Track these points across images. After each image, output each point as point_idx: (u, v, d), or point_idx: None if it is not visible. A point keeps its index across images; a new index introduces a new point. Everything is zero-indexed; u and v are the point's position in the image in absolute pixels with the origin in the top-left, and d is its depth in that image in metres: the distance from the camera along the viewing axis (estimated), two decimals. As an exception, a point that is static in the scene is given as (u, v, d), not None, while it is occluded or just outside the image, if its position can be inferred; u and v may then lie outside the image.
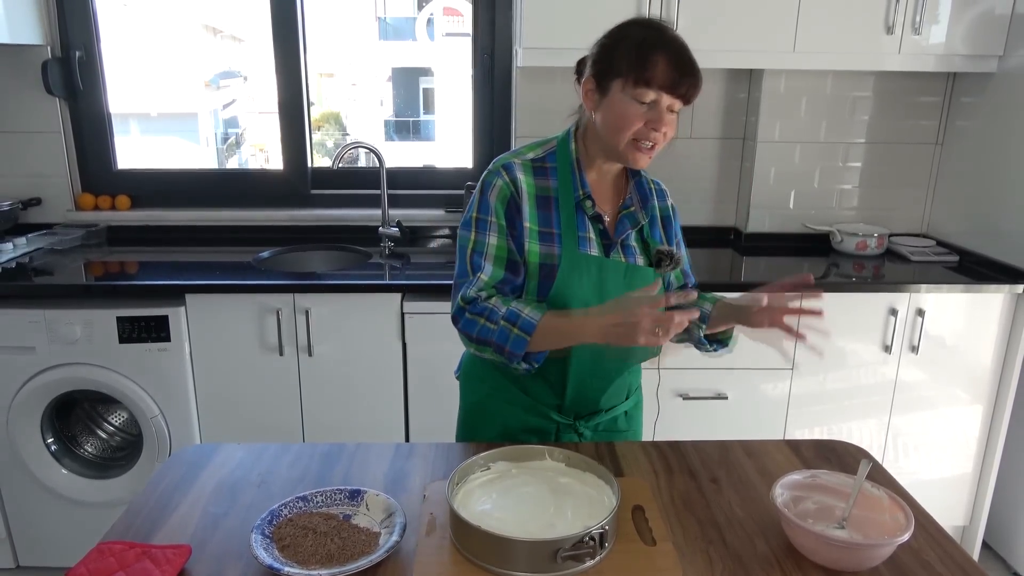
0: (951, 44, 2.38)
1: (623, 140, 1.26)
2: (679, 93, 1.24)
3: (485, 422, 1.47)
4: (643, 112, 1.24)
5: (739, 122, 2.76)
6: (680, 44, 1.25)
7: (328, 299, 2.23)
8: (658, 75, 1.22)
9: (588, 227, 1.33)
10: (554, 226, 1.31)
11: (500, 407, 1.44)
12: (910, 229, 2.80)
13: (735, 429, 2.38)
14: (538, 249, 1.31)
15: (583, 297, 1.30)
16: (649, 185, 1.43)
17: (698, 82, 1.25)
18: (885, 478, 1.28)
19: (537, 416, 1.42)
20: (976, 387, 2.41)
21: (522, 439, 1.43)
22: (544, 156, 1.36)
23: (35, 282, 2.24)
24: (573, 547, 0.99)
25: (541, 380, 1.39)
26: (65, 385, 2.22)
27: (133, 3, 5.32)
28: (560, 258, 1.30)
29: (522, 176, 1.32)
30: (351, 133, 6.97)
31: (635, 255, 1.36)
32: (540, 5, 2.28)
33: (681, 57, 1.24)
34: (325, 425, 2.34)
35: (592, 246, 1.33)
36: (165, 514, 1.16)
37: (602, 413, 1.44)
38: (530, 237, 1.31)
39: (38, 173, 2.71)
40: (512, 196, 1.31)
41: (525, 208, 1.31)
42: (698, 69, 1.25)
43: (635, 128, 1.25)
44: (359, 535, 1.08)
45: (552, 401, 1.41)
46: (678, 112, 1.27)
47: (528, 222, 1.31)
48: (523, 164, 1.34)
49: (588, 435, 1.44)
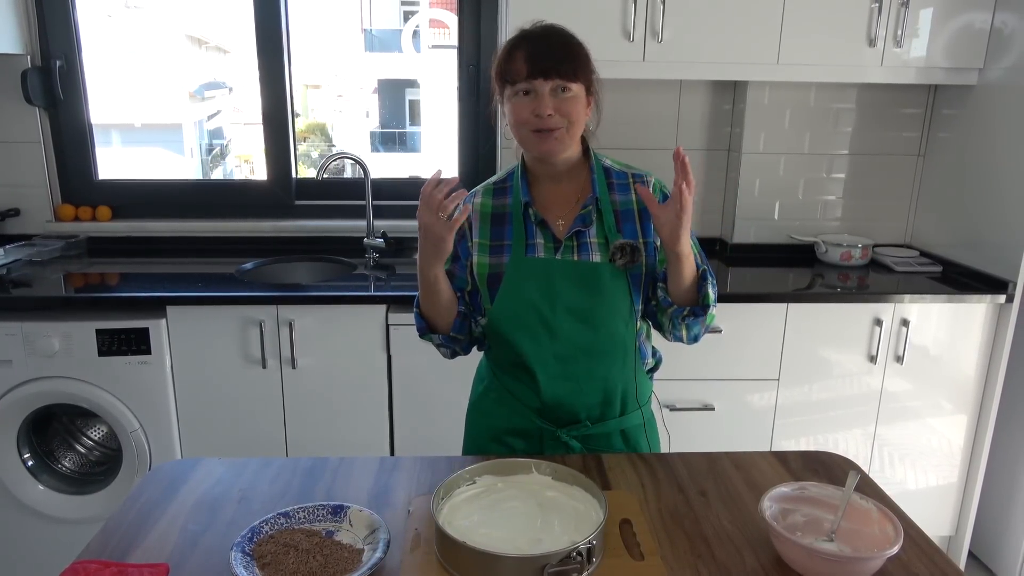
0: (932, 57, 2.40)
1: (523, 134, 1.33)
2: (544, 74, 1.28)
3: (479, 421, 1.52)
4: (528, 103, 1.30)
5: (724, 134, 2.77)
6: (540, 33, 1.33)
7: (312, 311, 2.21)
8: (519, 66, 1.29)
9: (537, 233, 1.38)
10: (506, 238, 1.39)
11: (491, 407, 1.48)
12: (894, 240, 2.82)
13: (722, 440, 2.37)
14: (487, 261, 1.39)
15: (530, 298, 1.36)
16: (628, 179, 1.41)
17: (563, 55, 1.30)
18: (873, 489, 1.28)
19: (520, 418, 1.43)
20: (960, 397, 2.43)
21: (508, 441, 1.45)
22: (505, 177, 1.45)
23: (13, 294, 2.20)
24: (560, 563, 0.98)
25: (518, 380, 1.42)
26: (43, 399, 2.18)
27: (118, 14, 5.29)
28: (507, 265, 1.37)
29: (479, 199, 1.43)
30: (337, 144, 6.96)
31: (591, 251, 1.37)
32: (525, 16, 2.27)
33: (540, 43, 1.31)
34: (309, 439, 2.31)
35: (540, 250, 1.37)
36: (143, 531, 1.13)
37: (587, 424, 1.42)
38: (480, 252, 1.40)
39: (17, 183, 2.67)
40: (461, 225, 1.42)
41: (476, 226, 1.41)
42: (562, 45, 1.31)
43: (525, 120, 1.31)
44: (342, 552, 1.05)
45: (532, 403, 1.42)
46: (575, 93, 1.31)
47: (479, 238, 1.41)
48: (484, 189, 1.45)
49: (577, 447, 1.42)
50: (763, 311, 2.31)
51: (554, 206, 1.40)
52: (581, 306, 1.36)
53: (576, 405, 1.40)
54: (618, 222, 1.39)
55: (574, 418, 1.41)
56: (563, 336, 1.36)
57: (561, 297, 1.35)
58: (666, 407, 2.34)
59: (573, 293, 1.35)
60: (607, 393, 1.41)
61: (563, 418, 1.41)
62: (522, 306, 1.36)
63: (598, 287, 1.35)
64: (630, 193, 1.41)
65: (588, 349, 1.37)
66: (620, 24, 2.28)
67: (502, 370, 1.45)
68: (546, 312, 1.35)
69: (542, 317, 1.36)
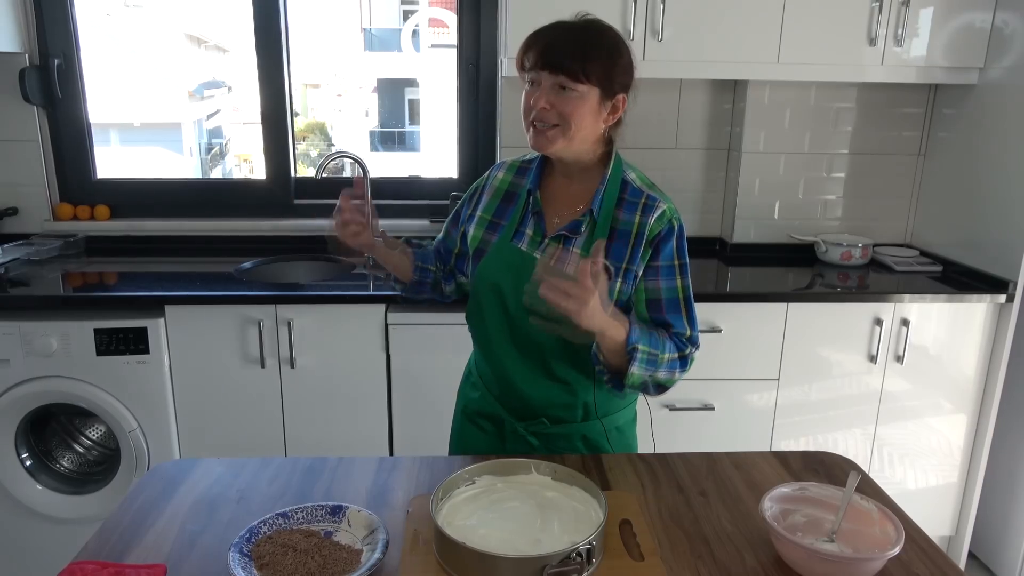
0: (932, 56, 2.40)
1: (524, 125, 1.32)
2: (550, 67, 1.25)
3: (461, 398, 1.57)
4: (531, 93, 1.29)
5: (724, 133, 2.77)
6: (568, 25, 1.29)
7: (311, 310, 2.20)
8: (531, 55, 1.27)
9: (530, 223, 1.38)
10: (504, 218, 1.40)
11: (468, 388, 1.54)
12: (894, 239, 2.82)
13: (722, 440, 2.37)
14: (480, 235, 1.42)
15: (497, 284, 1.36)
16: (641, 199, 1.32)
17: (577, 52, 1.24)
18: (873, 490, 1.27)
19: (484, 403, 1.47)
20: (960, 397, 2.42)
21: (480, 423, 1.49)
22: (533, 157, 1.44)
23: (10, 293, 2.19)
24: (560, 563, 0.98)
25: (487, 363, 1.44)
26: (41, 399, 2.17)
27: (116, 12, 5.28)
28: (492, 245, 1.39)
29: (501, 174, 1.46)
30: (336, 143, 6.95)
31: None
32: (525, 15, 2.28)
33: (560, 35, 1.27)
34: (307, 439, 2.30)
35: (526, 240, 1.37)
36: (140, 532, 1.13)
37: (544, 422, 1.40)
38: (477, 224, 1.43)
39: (15, 182, 2.67)
40: (477, 187, 1.49)
41: (485, 199, 1.44)
42: (582, 42, 1.25)
43: (526, 110, 1.30)
44: (340, 552, 1.05)
45: (493, 389, 1.45)
46: (581, 95, 1.25)
47: (481, 212, 1.43)
48: (511, 164, 1.47)
49: (536, 444, 1.41)
50: (763, 311, 2.31)
51: (558, 202, 1.38)
52: (541, 306, 1.23)
53: (532, 398, 1.40)
54: (611, 239, 1.31)
55: (532, 413, 1.42)
56: (522, 329, 1.36)
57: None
58: (666, 407, 2.33)
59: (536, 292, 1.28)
60: (566, 397, 1.39)
61: (520, 410, 1.42)
62: (490, 288, 1.38)
63: None
64: (635, 214, 1.31)
65: (542, 347, 1.36)
66: (620, 23, 2.28)
67: (477, 347, 1.49)
68: (509, 301, 1.36)
69: (504, 304, 1.36)
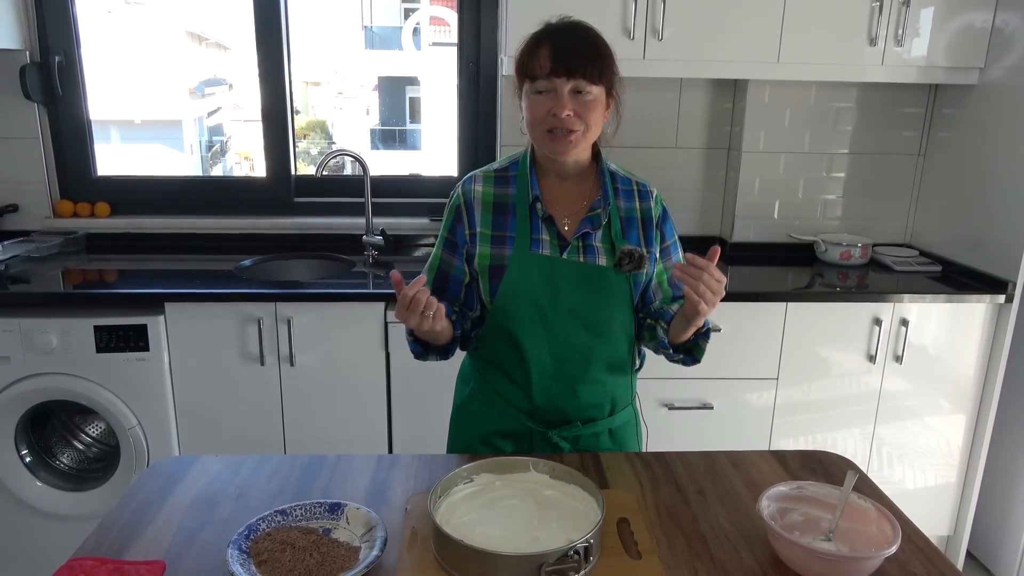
0: (933, 56, 2.40)
1: (537, 133, 1.31)
2: (568, 73, 1.25)
3: (466, 424, 1.49)
4: (545, 101, 1.28)
5: (724, 132, 2.77)
6: (566, 30, 1.29)
7: (310, 308, 2.20)
8: (542, 63, 1.26)
9: (542, 229, 1.36)
10: (508, 229, 1.36)
11: (479, 409, 1.46)
12: (893, 239, 2.82)
13: (720, 439, 2.37)
14: (489, 252, 1.36)
15: (532, 295, 1.34)
16: (632, 186, 1.41)
17: (589, 55, 1.26)
18: (871, 489, 1.28)
19: (510, 420, 1.42)
20: (959, 397, 2.42)
21: (498, 444, 1.44)
22: (508, 166, 1.42)
23: (11, 290, 2.19)
24: (558, 561, 0.98)
25: (510, 382, 1.41)
26: (40, 395, 2.17)
27: (118, 10, 5.28)
28: (510, 258, 1.34)
29: (480, 187, 1.40)
30: (337, 141, 6.95)
31: (597, 255, 1.36)
32: (525, 13, 2.28)
33: (564, 40, 1.27)
34: (307, 436, 2.30)
35: (545, 247, 1.35)
36: (139, 528, 1.13)
37: (577, 425, 1.41)
38: (481, 241, 1.37)
39: (15, 179, 2.67)
40: (459, 205, 1.39)
41: (477, 214, 1.38)
42: (589, 44, 1.28)
43: (541, 118, 1.28)
44: (339, 550, 1.05)
45: (523, 405, 1.41)
46: (595, 96, 1.28)
47: (480, 227, 1.37)
48: (484, 175, 1.41)
49: (566, 448, 1.41)
50: (762, 310, 2.31)
51: (559, 204, 1.38)
52: (583, 308, 1.35)
53: (568, 407, 1.40)
54: (623, 229, 1.38)
55: (565, 419, 1.41)
56: (561, 336, 1.36)
57: (564, 297, 1.34)
58: (665, 406, 2.34)
59: (576, 295, 1.34)
60: (600, 396, 1.41)
61: (553, 419, 1.41)
62: (524, 301, 1.34)
63: (602, 291, 1.35)
64: (634, 200, 1.40)
65: (585, 352, 1.37)
66: (620, 22, 2.28)
67: (490, 371, 1.43)
68: (547, 310, 1.35)
69: (543, 315, 1.35)
